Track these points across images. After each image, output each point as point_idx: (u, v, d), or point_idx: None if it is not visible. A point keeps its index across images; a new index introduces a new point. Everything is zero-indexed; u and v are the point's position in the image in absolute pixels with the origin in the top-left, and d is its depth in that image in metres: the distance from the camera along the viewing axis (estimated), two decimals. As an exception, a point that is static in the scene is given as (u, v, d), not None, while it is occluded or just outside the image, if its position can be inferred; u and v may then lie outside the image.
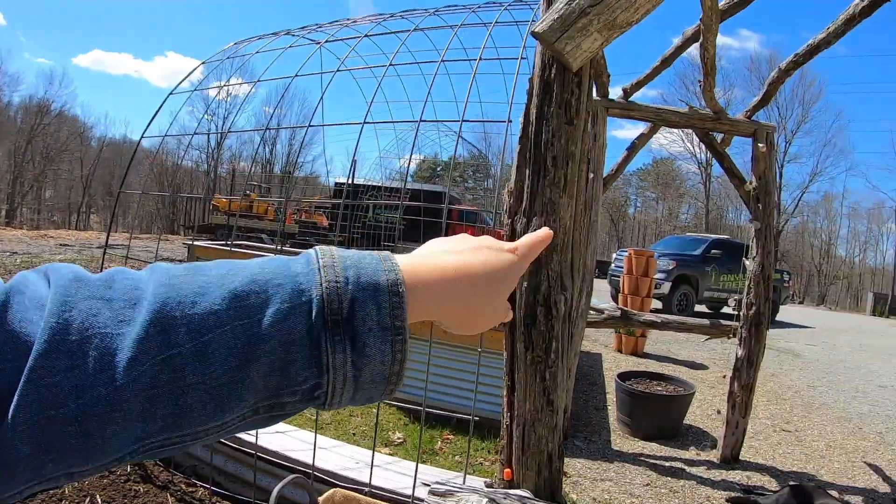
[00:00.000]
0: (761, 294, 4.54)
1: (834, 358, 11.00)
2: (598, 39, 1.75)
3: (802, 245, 49.19)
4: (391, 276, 0.51)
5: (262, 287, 0.47)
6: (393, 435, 4.29)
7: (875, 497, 4.35)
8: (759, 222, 4.56)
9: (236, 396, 0.45)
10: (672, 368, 7.85)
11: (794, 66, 4.25)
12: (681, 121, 4.67)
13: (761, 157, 4.55)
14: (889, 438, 5.97)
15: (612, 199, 51.08)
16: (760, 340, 4.58)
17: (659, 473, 4.35)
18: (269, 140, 42.17)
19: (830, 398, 7.50)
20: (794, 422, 6.20)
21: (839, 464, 5.06)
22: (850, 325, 18.97)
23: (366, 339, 0.48)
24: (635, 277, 9.30)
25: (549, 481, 1.94)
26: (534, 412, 1.80)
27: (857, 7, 3.51)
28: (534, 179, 1.70)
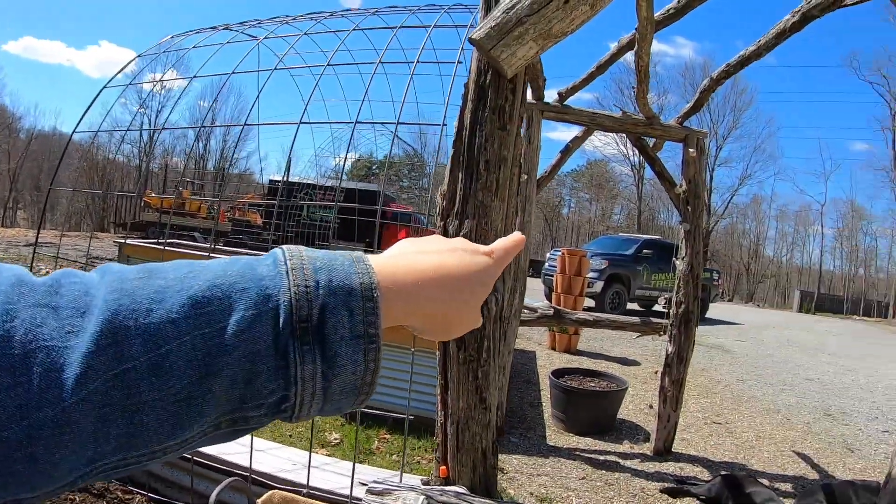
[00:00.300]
0: (690, 293, 4.69)
1: (762, 353, 11.42)
2: (533, 48, 1.80)
3: (732, 245, 50.84)
4: (365, 278, 0.47)
5: (224, 292, 0.43)
6: (330, 436, 4.28)
7: (804, 483, 4.56)
8: (689, 224, 4.71)
9: (196, 412, 0.41)
10: (605, 365, 8.02)
11: (726, 75, 4.40)
12: (614, 125, 4.79)
13: (691, 162, 4.70)
14: (816, 428, 6.25)
15: (547, 200, 51.71)
16: (690, 337, 4.73)
17: (594, 467, 4.44)
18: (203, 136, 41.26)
19: (759, 391, 7.80)
20: (724, 414, 6.42)
21: (769, 453, 5.27)
22: (777, 322, 19.69)
23: (337, 348, 0.45)
24: (568, 276, 9.45)
25: (485, 477, 1.98)
26: (467, 410, 1.83)
27: (788, 22, 3.65)
28: (466, 183, 1.73)
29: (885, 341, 17.43)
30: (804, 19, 3.53)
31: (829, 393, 8.25)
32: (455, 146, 1.81)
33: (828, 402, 7.59)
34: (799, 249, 53.48)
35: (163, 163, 39.80)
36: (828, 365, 10.96)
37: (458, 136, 1.81)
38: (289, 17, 4.64)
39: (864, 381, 9.64)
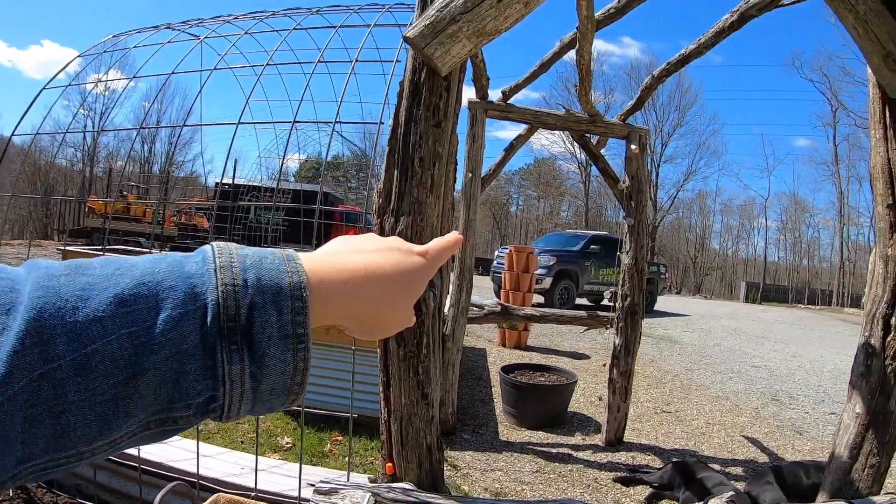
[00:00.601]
0: (635, 286, 4.77)
1: (710, 342, 11.66)
2: (466, 45, 1.81)
3: (678, 239, 51.97)
4: (294, 278, 0.47)
5: (152, 290, 0.42)
6: (282, 440, 4.24)
7: (755, 467, 4.69)
8: (633, 219, 4.79)
9: (124, 412, 0.40)
10: (555, 359, 8.13)
11: (667, 73, 4.47)
12: (557, 123, 4.84)
13: (634, 158, 4.78)
14: (764, 413, 6.43)
15: (495, 198, 52.10)
16: (636, 329, 4.81)
17: (547, 460, 4.49)
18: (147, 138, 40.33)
19: (708, 379, 7.98)
20: (674, 403, 6.55)
21: (719, 439, 5.40)
22: (724, 312, 20.12)
23: (265, 348, 0.44)
24: (516, 273, 9.52)
25: (431, 472, 1.99)
26: (410, 406, 1.84)
27: (727, 22, 3.72)
28: (402, 180, 1.74)
29: (829, 328, 17.99)
30: (742, 19, 3.61)
31: (776, 379, 8.50)
32: (390, 144, 1.82)
33: (775, 388, 7.83)
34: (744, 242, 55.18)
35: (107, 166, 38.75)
36: (774, 352, 11.27)
37: (393, 134, 1.82)
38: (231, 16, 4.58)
39: (809, 366, 9.96)
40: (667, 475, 3.89)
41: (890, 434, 2.18)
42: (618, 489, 4.07)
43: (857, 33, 2.04)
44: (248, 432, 4.35)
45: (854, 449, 2.24)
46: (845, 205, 42.77)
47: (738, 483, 4.06)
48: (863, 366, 2.26)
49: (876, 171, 2.24)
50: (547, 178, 51.45)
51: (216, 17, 4.64)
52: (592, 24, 3.74)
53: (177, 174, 41.63)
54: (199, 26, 4.59)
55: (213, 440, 4.15)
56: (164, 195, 22.14)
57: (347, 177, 40.24)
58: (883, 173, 2.20)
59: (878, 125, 2.22)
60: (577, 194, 49.15)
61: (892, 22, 2.02)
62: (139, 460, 2.86)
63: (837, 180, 42.93)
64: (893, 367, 2.16)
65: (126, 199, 20.28)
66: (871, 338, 2.22)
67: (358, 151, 23.33)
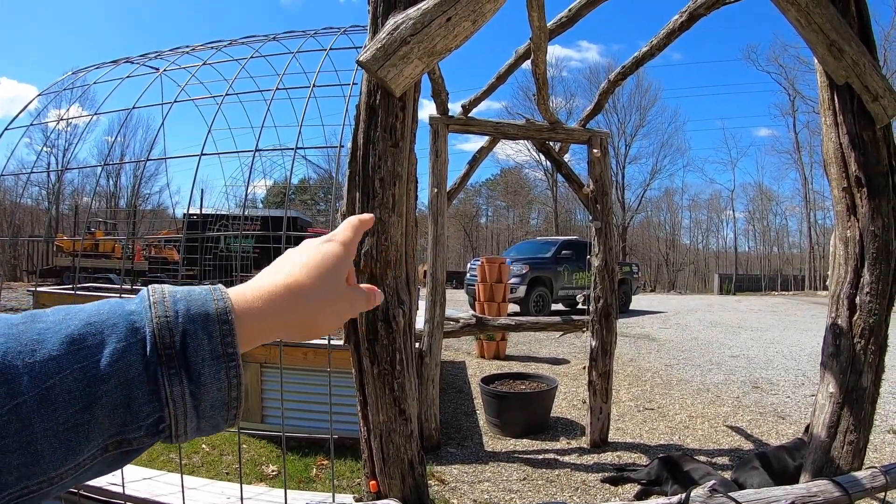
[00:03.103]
0: (607, 287, 4.83)
1: (687, 337, 11.78)
2: (419, 66, 1.85)
3: (649, 238, 52.42)
4: (220, 304, 0.52)
5: (97, 329, 0.47)
6: (267, 468, 4.21)
7: (740, 455, 4.74)
8: (599, 221, 4.85)
9: (84, 437, 0.45)
10: (535, 366, 8.16)
11: (622, 76, 4.55)
12: (519, 132, 4.89)
13: (596, 162, 4.85)
14: (746, 401, 6.52)
15: (464, 211, 52.21)
16: (611, 329, 4.87)
17: (534, 467, 4.50)
18: (112, 173, 39.77)
19: (688, 373, 8.05)
20: (655, 399, 6.61)
21: (703, 431, 5.46)
22: (699, 306, 20.33)
23: (200, 369, 0.49)
24: (490, 284, 9.55)
25: (415, 487, 2.00)
26: (388, 423, 1.86)
27: (677, 22, 3.80)
28: (363, 201, 1.77)
29: (804, 312, 18.24)
30: (691, 18, 3.69)
31: (755, 367, 8.62)
32: (350, 166, 1.84)
33: (755, 376, 7.93)
34: (714, 235, 55.88)
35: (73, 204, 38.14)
36: (751, 341, 11.42)
37: (352, 157, 1.85)
38: (189, 47, 4.58)
39: (787, 351, 10.12)
40: (654, 471, 3.93)
41: (865, 410, 2.24)
42: (606, 489, 4.10)
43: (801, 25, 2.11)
44: (233, 463, 4.31)
45: (831, 427, 2.29)
46: (810, 190, 43.68)
47: (725, 472, 4.11)
48: (832, 346, 2.31)
49: (829, 156, 2.31)
50: (514, 187, 51.63)
51: (175, 49, 4.64)
52: (545, 34, 3.80)
53: (144, 207, 41.04)
54: (159, 59, 4.58)
55: (199, 473, 4.11)
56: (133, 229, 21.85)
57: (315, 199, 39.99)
58: (836, 157, 2.27)
59: (827, 111, 2.30)
60: (546, 201, 49.40)
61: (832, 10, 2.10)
62: (124, 497, 2.83)
63: (801, 167, 43.88)
64: (862, 345, 2.22)
65: (94, 236, 20.00)
66: (838, 318, 2.28)
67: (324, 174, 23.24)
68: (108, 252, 20.22)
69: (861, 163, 2.19)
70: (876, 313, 2.20)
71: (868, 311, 2.20)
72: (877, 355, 2.24)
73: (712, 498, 2.05)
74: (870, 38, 2.24)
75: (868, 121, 2.17)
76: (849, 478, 2.16)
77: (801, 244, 49.35)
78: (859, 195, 2.21)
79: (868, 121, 2.17)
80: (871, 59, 2.16)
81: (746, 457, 4.19)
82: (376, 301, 0.70)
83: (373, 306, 0.69)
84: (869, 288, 2.21)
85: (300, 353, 4.62)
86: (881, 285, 2.20)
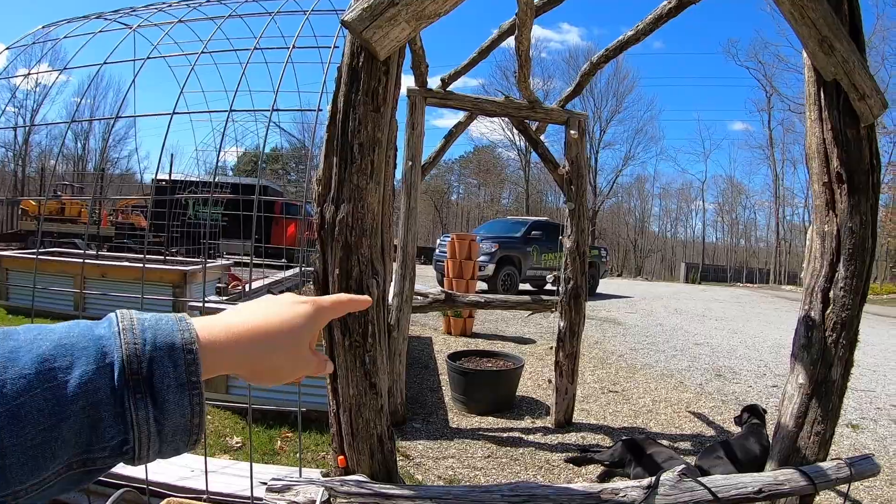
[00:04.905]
0: (577, 269, 4.82)
1: (652, 322, 11.91)
2: (406, 29, 1.78)
3: (618, 223, 53.08)
4: (186, 335, 0.55)
5: (68, 351, 0.49)
6: (231, 440, 4.15)
7: (702, 440, 4.81)
8: (573, 203, 4.84)
9: (51, 455, 0.46)
10: (501, 345, 8.14)
11: (605, 59, 4.51)
12: (497, 110, 4.83)
13: (573, 143, 4.82)
14: (709, 388, 6.61)
15: (436, 187, 52.16)
16: (580, 311, 4.88)
17: (498, 444, 4.51)
18: (81, 135, 38.86)
19: (652, 358, 8.15)
20: (620, 383, 6.67)
21: (666, 416, 5.53)
22: (665, 293, 20.59)
23: (165, 395, 0.52)
24: (459, 261, 9.53)
25: (384, 463, 1.97)
26: (358, 397, 1.82)
27: (665, 8, 3.76)
28: (341, 167, 1.71)
29: (768, 304, 18.59)
30: (680, 5, 3.65)
31: (718, 355, 8.74)
32: (329, 130, 1.78)
33: (718, 364, 8.04)
34: (682, 224, 56.77)
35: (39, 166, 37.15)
36: (715, 329, 11.58)
37: (331, 120, 1.78)
38: (164, 4, 4.44)
39: (750, 341, 10.28)
40: (617, 453, 3.98)
41: (833, 403, 2.25)
42: (570, 469, 4.12)
43: (794, 18, 2.09)
44: (196, 433, 4.24)
45: (799, 418, 2.30)
46: (780, 186, 44.52)
47: (688, 457, 4.17)
48: (804, 338, 2.32)
49: (812, 151, 2.30)
50: (487, 165, 51.72)
51: (149, 6, 4.49)
52: (532, 10, 3.74)
53: (112, 172, 40.15)
54: (132, 15, 4.44)
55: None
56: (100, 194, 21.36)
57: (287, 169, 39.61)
58: (818, 153, 2.26)
59: (813, 107, 2.29)
60: (518, 181, 49.55)
61: (826, 6, 2.08)
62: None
63: (772, 163, 44.69)
64: (833, 339, 2.23)
65: (60, 200, 19.55)
66: (811, 311, 2.29)
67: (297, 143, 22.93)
68: (73, 217, 19.77)
69: (843, 159, 2.19)
70: (849, 308, 2.22)
71: (841, 305, 2.21)
72: (847, 349, 2.26)
73: (682, 482, 2.05)
74: (860, 37, 2.23)
75: (853, 118, 2.17)
76: (815, 468, 2.19)
77: (768, 239, 50.40)
78: (839, 191, 2.21)
79: (853, 118, 2.17)
80: (859, 58, 2.15)
81: (711, 445, 4.25)
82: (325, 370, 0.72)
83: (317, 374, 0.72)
84: (843, 283, 2.22)
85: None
86: (855, 281, 2.21)
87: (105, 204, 21.63)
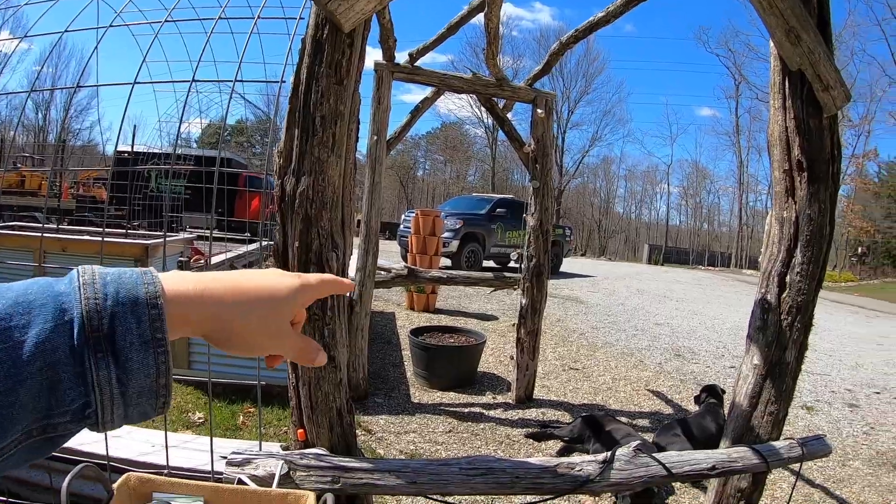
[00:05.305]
0: (541, 247, 4.86)
1: (614, 302, 12.06)
2: (372, 1, 1.77)
3: (583, 203, 53.51)
4: (150, 289, 0.51)
5: (25, 309, 0.46)
6: (193, 415, 4.13)
7: (660, 418, 4.93)
8: (538, 182, 4.87)
9: (9, 420, 0.43)
10: (463, 321, 8.17)
11: (574, 40, 4.50)
12: (464, 86, 4.81)
13: (539, 122, 4.83)
14: (668, 368, 6.76)
15: (402, 163, 51.91)
16: (542, 289, 4.92)
17: (460, 420, 4.57)
18: (42, 105, 37.74)
19: (613, 337, 8.27)
20: (581, 360, 6.78)
21: (625, 393, 5.64)
22: (628, 273, 20.85)
23: (128, 353, 0.48)
24: (423, 237, 9.52)
25: (343, 436, 1.98)
26: (317, 370, 1.82)
27: (638, -10, 3.79)
28: (302, 139, 1.70)
29: (728, 288, 18.91)
30: (651, -14, 3.66)
31: (678, 336, 8.90)
32: (291, 102, 1.76)
33: (678, 344, 8.21)
34: (647, 206, 57.47)
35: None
36: (676, 310, 11.78)
37: (294, 92, 1.76)
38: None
39: (709, 323, 10.48)
40: (576, 429, 4.05)
41: (786, 384, 2.31)
42: (530, 444, 4.19)
43: (762, 7, 2.10)
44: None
45: (753, 398, 2.36)
46: (745, 173, 45.46)
47: (646, 434, 4.26)
48: (760, 320, 2.37)
49: (774, 138, 2.34)
50: (454, 142, 51.56)
51: (116, -29, 4.37)
52: (502, -13, 3.73)
53: (73, 143, 39.06)
54: (97, -19, 4.31)
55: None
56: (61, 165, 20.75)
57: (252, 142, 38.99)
58: (780, 140, 2.30)
59: (777, 95, 2.32)
60: (484, 159, 49.54)
61: (795, -2, 2.10)
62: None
63: (738, 150, 45.64)
64: (788, 322, 2.28)
65: (20, 172, 19.03)
66: (768, 294, 2.34)
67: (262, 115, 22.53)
68: (34, 189, 19.26)
69: (804, 148, 2.22)
70: (805, 293, 2.26)
71: (797, 290, 2.26)
72: (802, 333, 2.31)
73: (637, 458, 2.09)
74: (827, 30, 2.26)
75: (816, 108, 2.20)
76: (768, 447, 2.24)
77: (730, 223, 51.34)
78: (799, 178, 2.25)
79: (816, 108, 2.20)
80: (826, 50, 2.18)
81: (668, 422, 4.35)
82: (311, 358, 0.68)
83: (303, 361, 0.68)
84: (800, 268, 2.27)
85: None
86: (812, 267, 2.26)
87: (66, 176, 21.09)
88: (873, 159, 38.41)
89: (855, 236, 37.24)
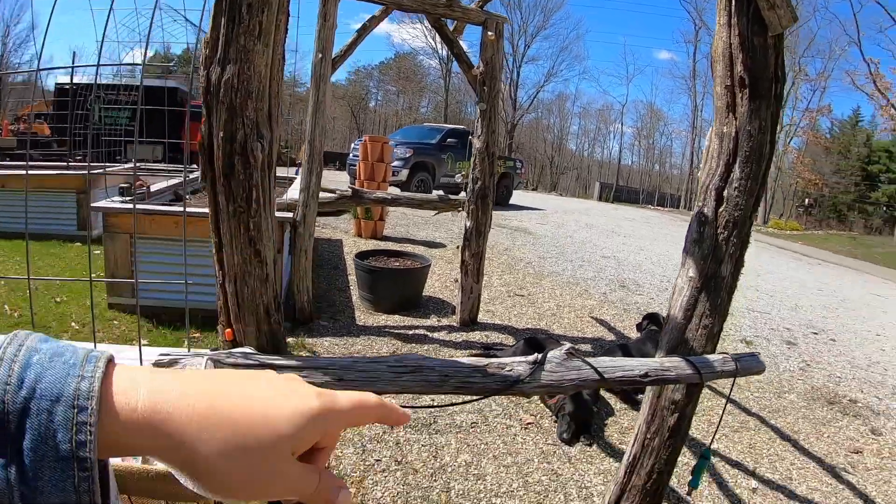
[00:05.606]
0: (486, 170, 4.87)
1: (562, 234, 12.18)
2: None
3: (536, 139, 53.58)
4: (84, 384, 0.37)
5: None
6: (136, 340, 4.12)
7: (603, 344, 5.07)
8: (485, 104, 4.84)
9: None
10: (411, 248, 8.18)
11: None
12: (413, 5, 4.69)
13: (489, 44, 4.77)
14: (612, 298, 6.92)
15: (353, 93, 51.11)
16: (486, 212, 4.95)
17: (404, 341, 4.64)
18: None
19: (559, 267, 8.40)
20: (526, 287, 6.89)
21: (569, 320, 5.78)
22: (578, 208, 21.00)
23: (38, 469, 0.35)
24: (371, 164, 9.42)
25: (271, 335, 1.98)
26: (243, 265, 1.81)
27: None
28: (229, 27, 1.64)
29: (677, 227, 19.14)
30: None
31: (624, 268, 9.09)
32: (217, -11, 1.71)
33: (623, 276, 8.39)
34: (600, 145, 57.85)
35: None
36: (623, 245, 11.97)
37: (220, -21, 1.71)
38: None
39: (655, 258, 10.71)
40: (519, 350, 4.14)
41: (721, 298, 2.36)
42: (471, 365, 4.28)
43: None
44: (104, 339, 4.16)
45: (688, 311, 2.41)
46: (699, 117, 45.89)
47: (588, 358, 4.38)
48: (696, 233, 2.42)
49: (717, 55, 2.35)
50: (407, 73, 50.64)
51: None
52: None
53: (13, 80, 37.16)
54: None
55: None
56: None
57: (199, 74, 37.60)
58: (724, 57, 2.31)
59: (723, 12, 2.31)
60: (438, 90, 48.90)
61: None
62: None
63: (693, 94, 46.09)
64: (725, 236, 2.33)
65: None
66: (705, 208, 2.38)
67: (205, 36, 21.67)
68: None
69: (748, 65, 2.23)
70: (742, 208, 2.30)
71: (735, 205, 2.30)
72: (738, 248, 2.35)
73: (569, 360, 2.14)
74: (775, -52, 2.24)
75: (761, 27, 2.20)
76: (701, 359, 2.30)
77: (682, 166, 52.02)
78: (741, 95, 2.27)
79: (761, 27, 2.20)
80: (774, -32, 2.17)
81: (609, 347, 4.48)
82: (327, 501, 0.47)
83: (311, 501, 0.46)
84: (738, 184, 2.30)
85: (171, 221, 4.52)
86: (750, 183, 2.29)
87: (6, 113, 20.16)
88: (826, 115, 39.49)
89: (803, 187, 38.32)
